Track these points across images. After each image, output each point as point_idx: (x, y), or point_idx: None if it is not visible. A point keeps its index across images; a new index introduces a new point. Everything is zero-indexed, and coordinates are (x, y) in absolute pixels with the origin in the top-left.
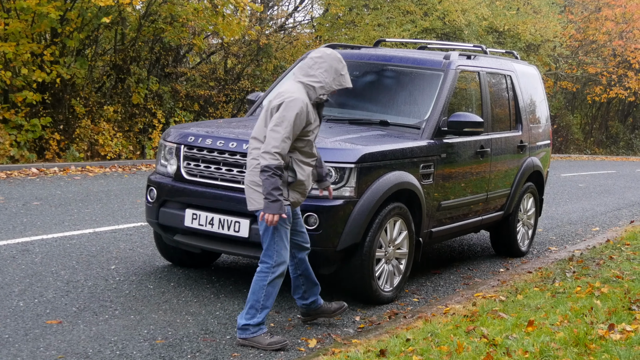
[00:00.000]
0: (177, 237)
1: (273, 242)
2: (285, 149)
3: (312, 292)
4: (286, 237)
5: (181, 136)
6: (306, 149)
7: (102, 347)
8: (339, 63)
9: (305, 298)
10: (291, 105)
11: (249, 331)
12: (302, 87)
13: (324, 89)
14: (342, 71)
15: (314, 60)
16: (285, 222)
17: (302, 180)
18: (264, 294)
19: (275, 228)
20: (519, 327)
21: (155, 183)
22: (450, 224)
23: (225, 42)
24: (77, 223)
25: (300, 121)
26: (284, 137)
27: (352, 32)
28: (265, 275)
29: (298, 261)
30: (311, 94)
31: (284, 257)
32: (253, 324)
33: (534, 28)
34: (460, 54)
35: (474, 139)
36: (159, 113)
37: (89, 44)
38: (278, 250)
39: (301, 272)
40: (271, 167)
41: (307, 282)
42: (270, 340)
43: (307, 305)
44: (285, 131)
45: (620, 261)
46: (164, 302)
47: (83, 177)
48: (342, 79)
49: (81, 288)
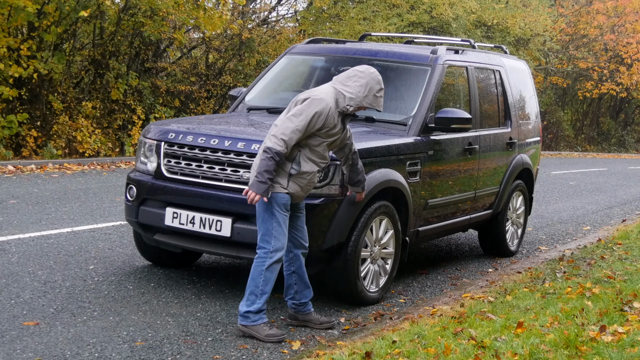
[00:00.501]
0: (157, 237)
1: (271, 227)
2: (293, 139)
3: (303, 295)
4: (284, 223)
5: (161, 133)
6: (318, 149)
7: (81, 349)
8: (377, 84)
9: (297, 299)
10: (315, 103)
11: (250, 319)
12: (333, 91)
13: (353, 101)
14: (377, 93)
15: (354, 72)
16: (282, 208)
17: (305, 173)
18: (262, 279)
19: (273, 214)
20: (508, 328)
21: (135, 181)
22: (438, 222)
23: (206, 37)
24: (55, 222)
25: (317, 120)
26: (295, 129)
27: (337, 26)
28: (263, 260)
29: (293, 257)
30: (340, 101)
31: (282, 242)
32: (254, 310)
33: (524, 22)
34: (448, 48)
35: (461, 135)
36: (138, 109)
37: (67, 38)
38: (276, 235)
39: (295, 269)
40: (272, 150)
41: (299, 282)
42: (268, 332)
43: (296, 306)
44: (299, 124)
45: (612, 261)
46: (143, 303)
47: (61, 175)
48: (375, 100)
49: (59, 289)
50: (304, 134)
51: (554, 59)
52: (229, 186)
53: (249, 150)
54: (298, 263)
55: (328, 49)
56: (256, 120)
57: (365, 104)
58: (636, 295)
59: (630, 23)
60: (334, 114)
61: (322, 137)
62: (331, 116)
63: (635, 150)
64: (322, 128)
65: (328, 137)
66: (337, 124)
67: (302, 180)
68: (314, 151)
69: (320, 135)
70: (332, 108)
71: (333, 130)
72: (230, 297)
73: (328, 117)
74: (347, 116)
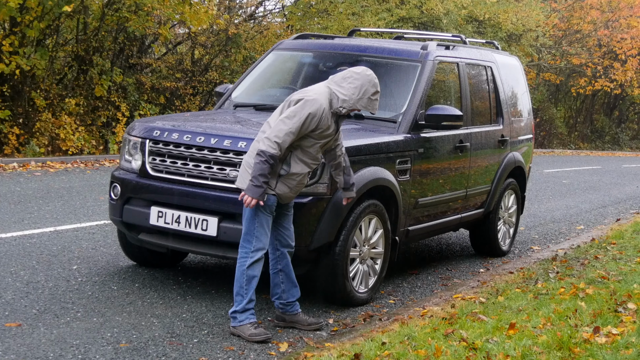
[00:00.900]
0: (142, 236)
1: (253, 228)
2: (287, 142)
3: (290, 294)
4: (267, 224)
5: (146, 130)
6: (311, 150)
7: (64, 351)
8: (373, 87)
9: (284, 298)
10: (309, 104)
11: (237, 319)
12: (328, 92)
13: (347, 103)
14: (372, 96)
15: (350, 73)
16: (266, 210)
17: (294, 175)
18: (245, 279)
19: (256, 214)
20: (499, 330)
21: (119, 179)
22: (428, 222)
23: (192, 32)
24: (38, 221)
25: (311, 122)
26: (288, 131)
27: (325, 21)
28: (245, 260)
29: (280, 255)
30: (333, 102)
31: (263, 242)
32: (239, 310)
33: (516, 17)
34: (439, 44)
35: (452, 133)
36: (123, 106)
37: (50, 33)
38: (258, 235)
39: (282, 267)
40: (266, 153)
41: (286, 281)
42: (252, 332)
43: (283, 306)
44: (293, 126)
45: (606, 261)
46: (128, 304)
47: (43, 173)
48: (369, 103)
49: (41, 289)
50: (298, 135)
51: (547, 54)
52: (215, 185)
53: (235, 148)
54: (285, 261)
55: (316, 45)
56: (243, 117)
57: (359, 107)
58: (630, 296)
59: (624, 18)
60: (327, 115)
61: (315, 139)
62: (325, 117)
63: (629, 148)
64: (315, 129)
65: (321, 138)
66: (331, 125)
67: (292, 182)
68: (306, 152)
69: (313, 137)
70: (325, 109)
71: (326, 132)
72: (216, 298)
73: (322, 118)
74: (340, 117)
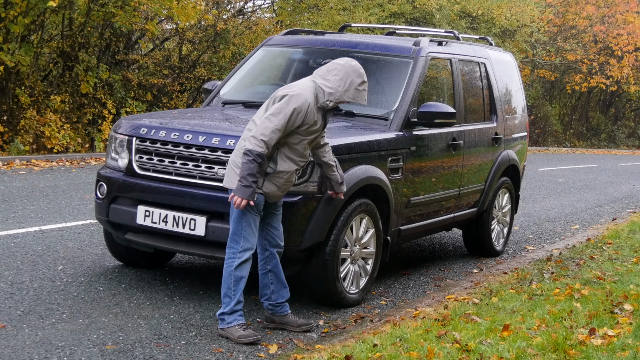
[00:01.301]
0: (129, 236)
1: (240, 228)
2: (273, 139)
3: (280, 294)
4: (254, 224)
5: (133, 128)
6: (298, 147)
7: (49, 352)
8: (359, 77)
9: (273, 299)
10: (293, 100)
11: (225, 321)
12: (313, 86)
13: (333, 95)
14: (359, 86)
15: (334, 66)
16: (254, 209)
17: (282, 172)
18: (233, 280)
19: (244, 214)
20: (493, 331)
21: (105, 178)
22: (421, 221)
23: (180, 28)
24: (22, 221)
25: (296, 118)
26: (274, 128)
27: (316, 17)
28: (232, 261)
29: (269, 255)
30: (319, 96)
31: (250, 242)
32: (227, 312)
33: (510, 12)
34: (431, 40)
35: (445, 130)
36: (109, 103)
37: (35, 29)
38: (245, 235)
39: (271, 267)
40: (253, 152)
41: (276, 281)
42: (240, 333)
43: (273, 307)
44: (278, 123)
45: (602, 261)
46: (114, 305)
47: (28, 172)
48: (356, 94)
49: (26, 290)
50: (284, 132)
51: (542, 51)
52: (203, 183)
53: (224, 146)
54: (274, 262)
55: (306, 41)
56: (231, 114)
57: (347, 99)
58: (627, 297)
59: (620, 14)
60: (313, 110)
61: (302, 135)
62: (311, 112)
63: (625, 146)
64: (301, 125)
65: (308, 134)
66: (318, 121)
67: (279, 180)
68: (293, 149)
69: (300, 133)
70: (311, 104)
71: (313, 128)
72: (204, 299)
73: (307, 113)
74: (328, 112)
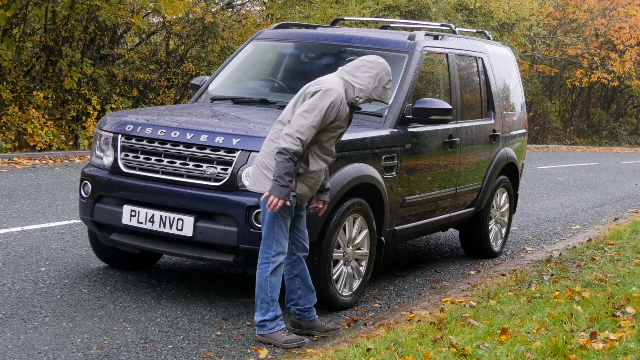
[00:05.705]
0: (114, 236)
1: (273, 231)
2: (309, 137)
3: (307, 300)
4: (286, 227)
5: (118, 125)
6: (327, 145)
7: (32, 357)
8: (387, 75)
9: (300, 304)
10: (327, 95)
11: (267, 327)
12: (342, 82)
13: (363, 92)
14: (387, 85)
15: (363, 62)
16: (286, 211)
17: (313, 172)
18: (269, 286)
19: (275, 217)
20: (491, 335)
21: (90, 176)
22: (416, 221)
23: (167, 21)
24: (4, 221)
25: (331, 113)
26: (310, 125)
27: (307, 10)
28: (267, 266)
29: (295, 259)
30: (349, 92)
31: (283, 246)
32: (269, 318)
33: (508, 5)
34: (427, 34)
35: (441, 127)
36: (93, 99)
37: (17, 22)
38: (277, 239)
39: (298, 272)
40: (290, 151)
41: (303, 286)
42: (286, 338)
43: (300, 312)
44: (314, 119)
45: (603, 263)
46: (99, 308)
47: (10, 170)
48: (384, 93)
49: (8, 292)
50: (319, 129)
51: (541, 45)
52: (191, 182)
53: (212, 144)
54: (301, 266)
55: (298, 35)
56: (220, 111)
57: (374, 96)
58: (629, 300)
59: (622, 6)
60: (345, 106)
61: (331, 132)
62: (343, 108)
63: (627, 144)
64: (334, 121)
65: (335, 129)
66: (346, 116)
67: (311, 180)
68: (323, 148)
69: (329, 130)
70: (344, 99)
71: (342, 124)
72: (192, 302)
73: (340, 109)
74: (353, 108)
